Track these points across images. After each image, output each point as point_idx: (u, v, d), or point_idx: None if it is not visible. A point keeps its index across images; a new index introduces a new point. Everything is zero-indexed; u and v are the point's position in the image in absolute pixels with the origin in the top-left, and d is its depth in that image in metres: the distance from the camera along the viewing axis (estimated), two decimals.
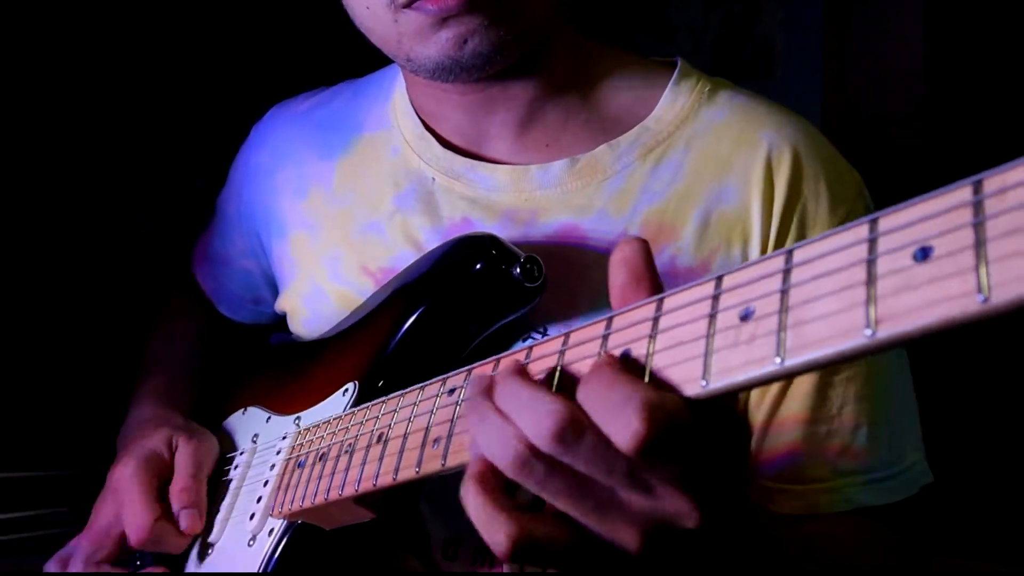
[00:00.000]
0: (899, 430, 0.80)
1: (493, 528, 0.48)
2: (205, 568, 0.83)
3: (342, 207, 0.91)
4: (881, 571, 0.75)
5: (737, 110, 0.82)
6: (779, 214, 0.78)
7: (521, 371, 0.50)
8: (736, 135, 0.80)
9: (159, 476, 0.84)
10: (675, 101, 0.83)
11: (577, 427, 0.44)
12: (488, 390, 0.50)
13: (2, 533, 1.17)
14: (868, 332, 0.36)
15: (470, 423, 0.50)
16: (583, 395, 0.45)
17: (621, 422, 0.42)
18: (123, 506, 0.82)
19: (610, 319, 0.50)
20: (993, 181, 0.33)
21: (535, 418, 0.46)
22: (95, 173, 1.43)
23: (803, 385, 0.76)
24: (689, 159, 0.80)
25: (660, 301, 0.47)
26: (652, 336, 0.46)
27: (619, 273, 0.51)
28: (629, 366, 0.46)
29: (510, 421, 0.47)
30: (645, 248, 0.51)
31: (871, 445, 0.77)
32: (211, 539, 0.84)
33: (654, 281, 0.51)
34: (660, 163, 0.81)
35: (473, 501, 0.49)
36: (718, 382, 0.42)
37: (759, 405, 0.77)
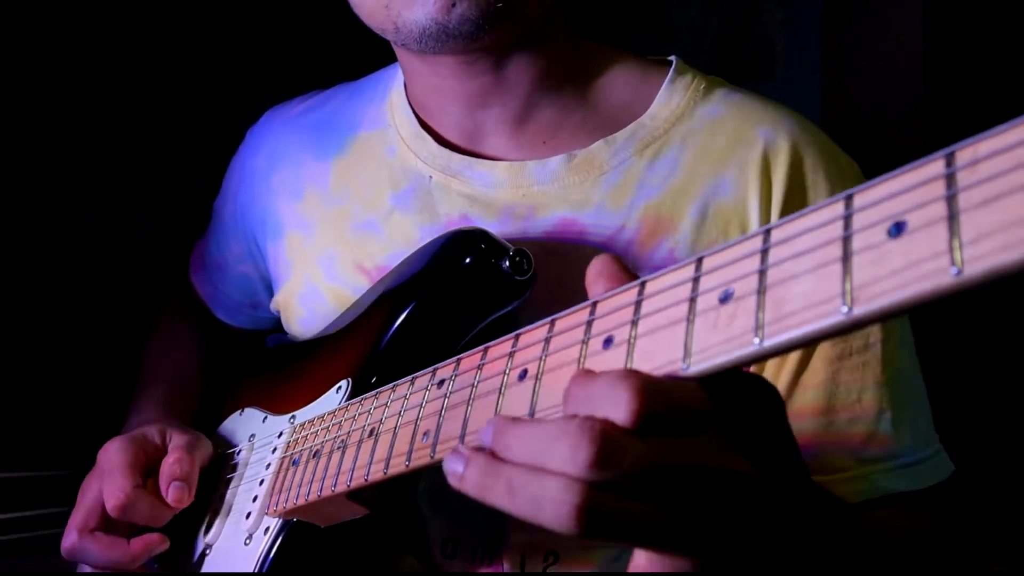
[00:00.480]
0: (922, 415, 0.79)
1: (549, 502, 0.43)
2: (204, 568, 0.83)
3: (338, 206, 0.91)
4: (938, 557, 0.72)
5: (733, 107, 0.82)
6: (779, 206, 0.78)
7: (511, 420, 0.46)
8: (733, 131, 0.80)
9: (146, 456, 0.83)
10: (671, 98, 0.83)
11: (613, 443, 0.40)
12: (492, 455, 0.45)
13: (2, 533, 1.17)
14: (844, 309, 0.35)
15: (501, 501, 0.44)
16: (571, 404, 0.43)
17: (613, 403, 0.41)
18: (104, 478, 0.81)
19: (594, 304, 0.50)
20: (965, 152, 0.32)
21: (565, 453, 0.41)
22: (95, 173, 1.44)
23: (816, 375, 0.75)
24: (686, 155, 0.80)
25: (642, 285, 0.47)
26: (635, 321, 0.46)
27: (597, 285, 0.50)
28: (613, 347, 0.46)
29: (541, 471, 0.42)
30: (615, 258, 0.51)
31: (897, 430, 0.75)
32: (210, 539, 0.84)
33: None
34: (657, 159, 0.81)
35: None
36: (699, 365, 0.42)
37: None
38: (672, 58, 0.87)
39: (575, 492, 0.40)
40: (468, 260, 0.74)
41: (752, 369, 0.76)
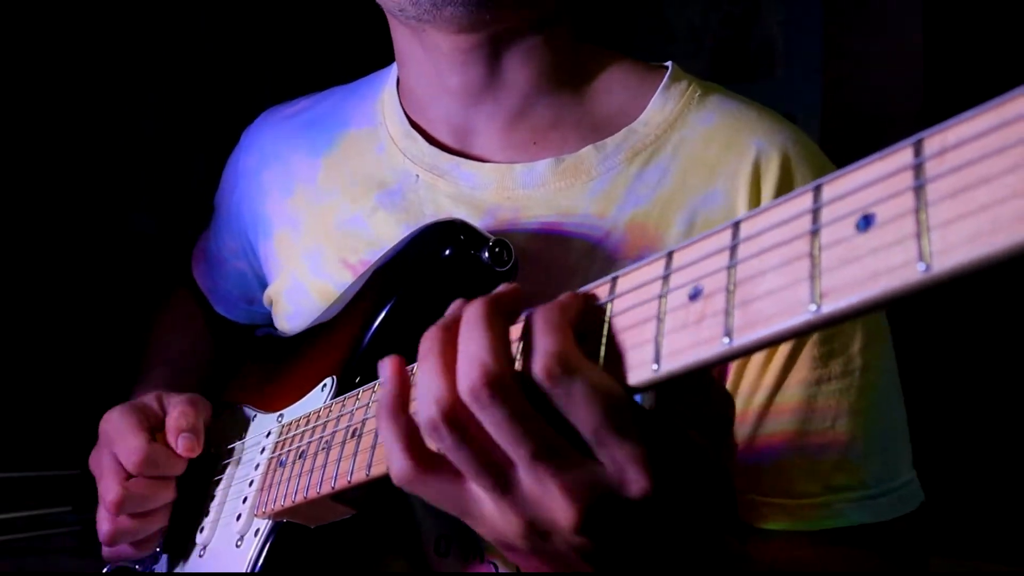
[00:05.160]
0: (894, 445, 0.78)
1: (391, 456, 0.52)
2: (197, 569, 0.83)
3: (326, 202, 0.91)
4: None
5: (727, 116, 0.81)
6: None
7: (492, 306, 0.50)
8: (725, 141, 0.79)
9: (148, 419, 0.84)
10: (664, 104, 0.82)
11: (495, 386, 0.45)
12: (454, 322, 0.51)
13: (2, 533, 1.17)
14: (812, 308, 0.34)
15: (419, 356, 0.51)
16: (534, 317, 0.47)
17: (536, 353, 0.45)
18: (114, 444, 0.82)
19: None
20: (933, 141, 0.31)
21: (469, 362, 0.47)
22: (95, 172, 1.44)
23: (792, 398, 0.74)
24: (676, 164, 0.79)
25: (614, 281, 0.46)
26: (606, 319, 0.45)
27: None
28: (587, 346, 0.46)
29: (448, 371, 0.48)
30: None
31: (866, 460, 0.74)
32: (202, 540, 0.83)
33: None
34: (647, 167, 0.79)
35: (382, 424, 0.52)
36: (669, 365, 0.41)
37: (743, 416, 0.75)
38: (668, 64, 0.85)
39: (447, 398, 0.47)
40: (447, 252, 0.73)
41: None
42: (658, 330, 0.41)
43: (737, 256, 0.38)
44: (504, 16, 0.76)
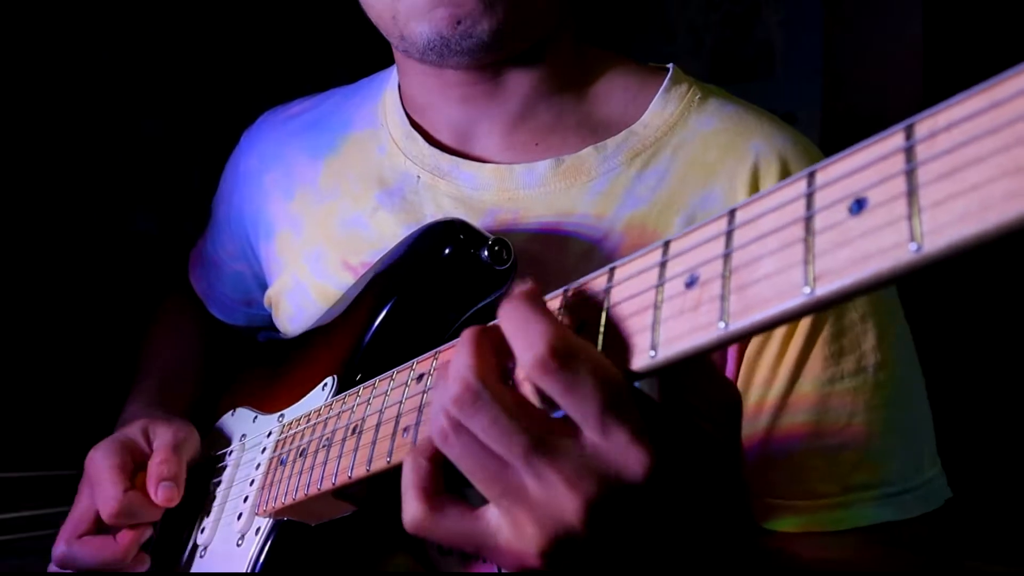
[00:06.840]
0: (916, 441, 0.76)
1: (404, 502, 0.53)
2: (198, 569, 0.83)
3: (327, 203, 0.91)
4: None
5: (727, 119, 0.81)
6: None
7: (476, 327, 0.50)
8: (724, 144, 0.79)
9: (132, 459, 0.83)
10: (665, 107, 0.82)
11: (474, 396, 0.46)
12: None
13: (2, 533, 1.17)
14: (807, 290, 0.35)
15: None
16: (501, 314, 0.47)
17: (525, 345, 0.44)
18: (93, 486, 0.81)
19: (566, 292, 0.49)
20: (924, 125, 0.32)
21: (451, 378, 0.48)
22: (95, 173, 1.45)
23: (806, 399, 0.73)
24: (675, 166, 0.79)
25: (612, 271, 0.46)
26: (603, 309, 0.45)
27: None
28: (585, 335, 0.46)
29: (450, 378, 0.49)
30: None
31: (886, 457, 0.73)
32: (203, 540, 0.84)
33: None
34: (646, 168, 0.80)
35: (406, 465, 0.53)
36: (666, 351, 0.41)
37: (755, 417, 0.75)
38: (670, 66, 0.86)
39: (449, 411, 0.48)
40: (447, 251, 0.74)
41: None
42: (655, 317, 0.42)
43: (733, 242, 0.39)
44: (506, 52, 0.78)
